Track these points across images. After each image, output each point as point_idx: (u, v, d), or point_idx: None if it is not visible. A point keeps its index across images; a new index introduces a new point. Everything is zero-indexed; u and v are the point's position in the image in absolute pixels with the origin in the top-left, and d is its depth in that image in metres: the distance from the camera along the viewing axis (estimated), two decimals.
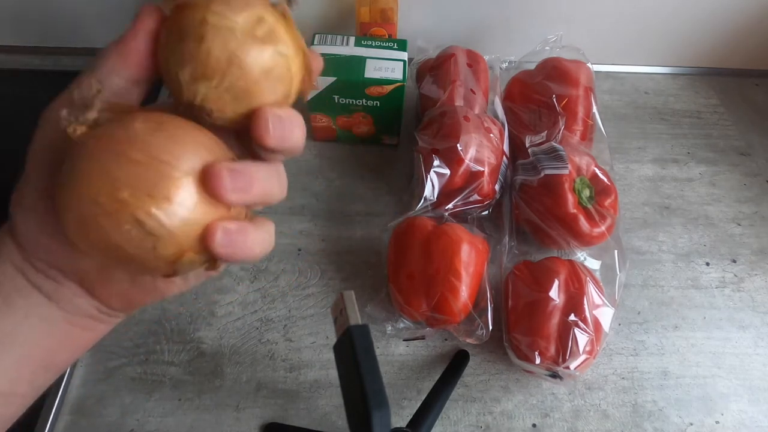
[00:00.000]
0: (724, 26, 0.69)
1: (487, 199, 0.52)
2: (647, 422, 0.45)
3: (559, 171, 0.48)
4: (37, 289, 0.23)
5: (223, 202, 0.19)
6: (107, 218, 0.18)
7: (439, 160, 0.49)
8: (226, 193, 0.19)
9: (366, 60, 0.54)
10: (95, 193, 0.18)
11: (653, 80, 0.73)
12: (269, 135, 0.20)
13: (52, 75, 0.69)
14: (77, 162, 0.18)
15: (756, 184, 0.62)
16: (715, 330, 0.50)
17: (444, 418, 0.44)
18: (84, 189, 0.18)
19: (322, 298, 0.51)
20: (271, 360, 0.47)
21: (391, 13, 0.60)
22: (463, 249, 0.45)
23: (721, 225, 0.58)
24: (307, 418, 0.44)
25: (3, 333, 0.23)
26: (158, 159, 0.18)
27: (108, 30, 0.69)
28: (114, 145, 0.18)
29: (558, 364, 0.42)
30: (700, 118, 0.69)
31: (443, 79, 0.57)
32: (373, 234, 0.55)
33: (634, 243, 0.56)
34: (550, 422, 0.45)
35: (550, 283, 0.44)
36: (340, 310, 0.31)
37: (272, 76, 0.20)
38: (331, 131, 0.61)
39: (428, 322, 0.46)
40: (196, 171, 0.19)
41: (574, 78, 0.56)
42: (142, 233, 0.18)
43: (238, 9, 0.19)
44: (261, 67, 0.19)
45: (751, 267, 0.55)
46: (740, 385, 0.47)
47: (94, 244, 0.19)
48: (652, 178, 0.62)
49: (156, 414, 0.44)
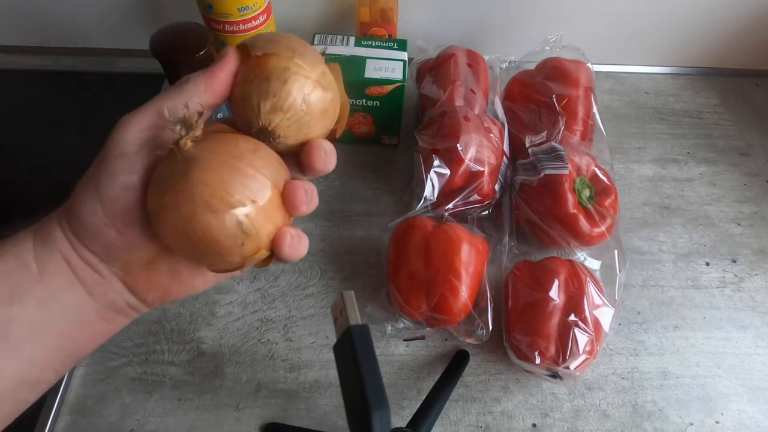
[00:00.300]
0: (724, 26, 0.69)
1: (487, 199, 0.52)
2: (647, 422, 0.45)
3: (559, 171, 0.48)
4: (79, 281, 0.25)
5: (294, 213, 0.25)
6: (214, 216, 0.22)
7: (439, 160, 0.49)
8: (301, 205, 0.24)
9: (366, 60, 0.54)
10: (209, 195, 0.22)
11: (653, 80, 0.73)
12: (320, 161, 0.25)
13: (52, 75, 0.69)
14: (191, 169, 0.22)
15: (756, 184, 0.62)
16: (715, 330, 0.50)
17: (444, 418, 0.44)
18: (198, 190, 0.22)
19: (322, 298, 0.51)
20: (271, 360, 0.47)
21: (391, 13, 0.60)
22: (463, 249, 0.45)
23: (721, 225, 0.58)
24: (307, 418, 0.44)
25: (41, 323, 0.24)
26: (261, 173, 0.23)
27: (108, 30, 0.69)
28: (228, 158, 0.23)
29: (558, 364, 0.42)
30: (700, 118, 0.69)
31: (443, 79, 0.57)
32: (373, 234, 0.55)
33: (634, 243, 0.56)
34: (550, 422, 0.45)
35: (550, 283, 0.44)
36: (340, 310, 0.31)
37: (326, 115, 0.26)
38: (331, 131, 0.61)
39: (428, 322, 0.46)
40: (280, 185, 0.24)
41: (574, 78, 0.56)
42: (239, 231, 0.23)
43: (312, 64, 0.25)
44: (321, 108, 0.26)
45: (751, 267, 0.55)
46: (740, 385, 0.47)
47: (192, 238, 0.22)
48: (652, 178, 0.62)
49: (156, 414, 0.44)
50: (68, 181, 0.27)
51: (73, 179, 0.26)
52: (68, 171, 0.58)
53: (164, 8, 0.66)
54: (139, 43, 0.69)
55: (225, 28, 0.51)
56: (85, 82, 0.68)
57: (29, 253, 0.24)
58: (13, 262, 0.24)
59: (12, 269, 0.24)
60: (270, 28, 0.55)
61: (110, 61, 0.71)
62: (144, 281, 0.26)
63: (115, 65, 0.70)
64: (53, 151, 0.60)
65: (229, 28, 0.51)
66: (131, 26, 0.68)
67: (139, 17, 0.67)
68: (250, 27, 0.52)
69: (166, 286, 0.27)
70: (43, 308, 0.24)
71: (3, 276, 0.23)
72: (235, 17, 0.50)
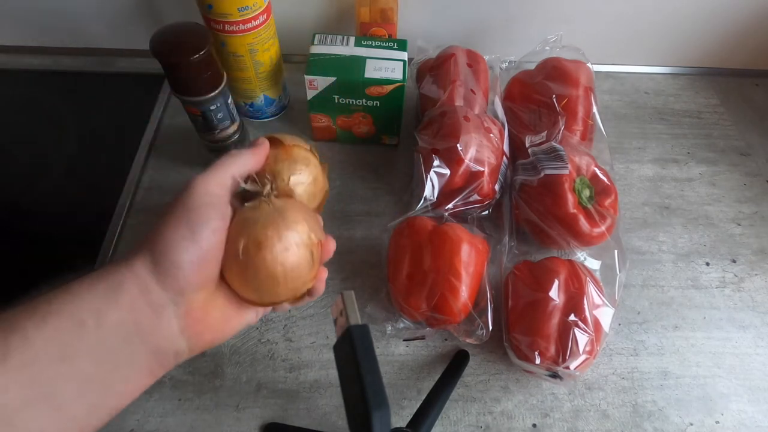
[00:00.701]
0: (724, 26, 0.69)
1: (487, 199, 0.52)
2: (647, 422, 0.45)
3: (559, 171, 0.48)
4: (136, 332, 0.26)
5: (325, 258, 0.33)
6: (299, 249, 0.29)
7: (439, 160, 0.49)
8: (331, 253, 0.33)
9: (366, 60, 0.54)
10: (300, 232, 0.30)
11: (653, 80, 0.73)
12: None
13: (52, 75, 0.69)
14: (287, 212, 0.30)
15: (756, 184, 0.62)
16: (715, 330, 0.50)
17: (444, 418, 0.44)
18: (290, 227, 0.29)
19: (322, 298, 0.50)
20: (271, 360, 0.47)
21: (391, 13, 0.60)
22: (463, 249, 0.45)
23: (721, 225, 0.58)
24: (307, 418, 0.44)
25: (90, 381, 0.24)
26: (318, 222, 0.32)
27: (108, 30, 0.69)
28: (304, 208, 0.32)
29: (558, 364, 0.42)
30: (700, 118, 0.69)
31: (443, 79, 0.57)
32: (373, 234, 0.55)
33: (634, 243, 0.56)
34: (550, 422, 0.45)
35: (550, 283, 0.44)
36: (340, 311, 0.31)
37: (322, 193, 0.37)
38: (331, 131, 0.61)
39: (428, 322, 0.46)
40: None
41: (574, 78, 0.56)
42: (310, 262, 0.30)
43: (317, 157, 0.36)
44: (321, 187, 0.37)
45: (751, 267, 0.55)
46: (740, 385, 0.47)
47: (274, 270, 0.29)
48: (652, 178, 0.62)
49: (156, 414, 0.44)
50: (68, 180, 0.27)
51: (72, 179, 0.26)
52: (68, 171, 0.58)
53: (164, 8, 0.66)
54: (139, 43, 0.69)
55: (225, 28, 0.51)
56: (85, 82, 0.68)
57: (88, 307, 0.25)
58: (67, 319, 0.24)
59: (66, 326, 0.24)
60: (270, 28, 0.55)
61: (110, 61, 0.71)
62: (200, 325, 0.29)
63: (115, 65, 0.70)
64: (53, 151, 0.60)
65: (229, 28, 0.51)
66: (131, 26, 0.68)
67: (139, 17, 0.67)
68: (250, 27, 0.52)
69: (215, 329, 0.30)
70: (94, 364, 0.24)
71: (56, 333, 0.24)
72: (235, 17, 0.50)
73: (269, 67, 0.58)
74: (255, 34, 0.53)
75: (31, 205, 0.56)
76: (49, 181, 0.58)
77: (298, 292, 0.31)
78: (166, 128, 0.64)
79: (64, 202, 0.56)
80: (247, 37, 0.53)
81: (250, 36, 0.53)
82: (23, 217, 0.55)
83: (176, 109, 0.65)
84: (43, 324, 0.23)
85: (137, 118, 0.64)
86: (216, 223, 0.28)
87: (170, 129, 0.64)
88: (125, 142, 0.61)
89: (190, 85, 0.49)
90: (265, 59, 0.57)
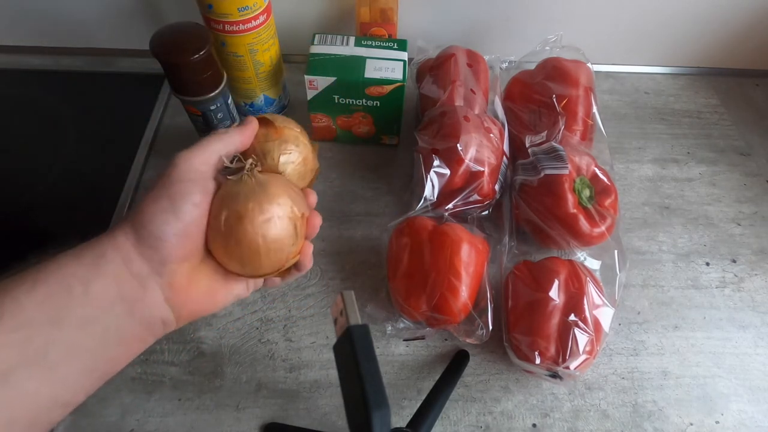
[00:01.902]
0: (724, 26, 0.69)
1: (487, 199, 0.52)
2: (647, 422, 0.45)
3: (559, 171, 0.48)
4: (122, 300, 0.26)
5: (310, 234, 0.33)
6: (285, 221, 0.30)
7: (439, 160, 0.49)
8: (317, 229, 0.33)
9: (366, 60, 0.54)
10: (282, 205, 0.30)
11: (653, 80, 0.73)
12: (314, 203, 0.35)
13: (52, 75, 0.69)
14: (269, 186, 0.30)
15: (756, 184, 0.62)
16: (715, 330, 0.50)
17: (444, 418, 0.44)
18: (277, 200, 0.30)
19: (322, 298, 0.51)
20: (271, 360, 0.47)
21: (391, 13, 0.60)
22: (463, 249, 0.45)
23: (721, 225, 0.58)
24: (307, 418, 0.44)
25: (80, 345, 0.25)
26: (302, 195, 0.33)
27: (108, 30, 0.69)
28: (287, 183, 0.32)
29: (558, 364, 0.42)
30: (700, 118, 0.69)
31: (443, 79, 0.57)
32: (373, 234, 0.55)
33: (634, 243, 0.56)
34: (550, 422, 0.45)
35: (550, 283, 0.44)
36: (340, 311, 0.31)
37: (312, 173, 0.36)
38: (330, 131, 0.61)
39: (428, 322, 0.46)
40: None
41: (574, 78, 0.56)
42: (293, 235, 0.30)
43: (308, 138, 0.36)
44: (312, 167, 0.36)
45: (751, 267, 0.55)
46: (740, 385, 0.47)
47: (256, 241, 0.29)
48: (652, 178, 0.62)
49: (156, 414, 0.44)
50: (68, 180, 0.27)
51: (72, 179, 0.27)
52: (68, 171, 0.58)
53: (164, 8, 0.66)
54: (139, 43, 0.69)
55: (225, 28, 0.51)
56: (85, 82, 0.68)
57: (74, 274, 0.25)
58: (55, 285, 0.25)
59: (54, 291, 0.25)
60: (270, 28, 0.55)
61: (110, 61, 0.71)
62: (184, 295, 0.29)
63: (115, 65, 0.70)
64: (53, 150, 0.60)
65: (229, 28, 0.51)
66: (131, 26, 0.68)
67: (139, 17, 0.67)
68: (250, 27, 0.52)
69: (201, 300, 0.30)
70: (84, 329, 0.25)
71: (45, 298, 0.24)
72: (235, 17, 0.50)
73: (269, 67, 0.58)
74: (255, 34, 0.53)
75: (31, 205, 0.56)
76: (49, 181, 0.58)
77: (281, 264, 0.31)
78: (166, 128, 0.64)
79: (64, 202, 0.56)
80: (247, 37, 0.53)
81: (250, 36, 0.53)
82: (23, 217, 0.55)
83: (176, 109, 0.65)
84: (33, 290, 0.24)
85: (137, 118, 0.64)
86: (197, 197, 0.28)
87: (170, 129, 0.64)
88: (125, 142, 0.61)
89: (190, 85, 0.49)
90: (265, 59, 0.57)
